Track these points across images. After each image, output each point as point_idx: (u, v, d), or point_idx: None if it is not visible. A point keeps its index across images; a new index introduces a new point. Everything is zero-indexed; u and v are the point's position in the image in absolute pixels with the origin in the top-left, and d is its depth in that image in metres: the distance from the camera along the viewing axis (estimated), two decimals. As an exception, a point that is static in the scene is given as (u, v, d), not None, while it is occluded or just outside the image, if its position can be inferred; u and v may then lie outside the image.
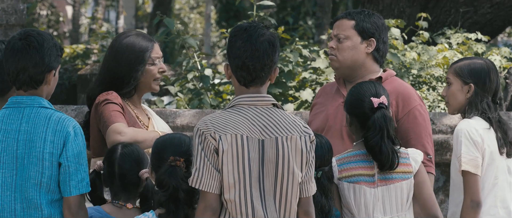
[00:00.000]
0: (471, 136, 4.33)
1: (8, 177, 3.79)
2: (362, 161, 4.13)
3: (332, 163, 4.13)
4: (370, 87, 4.17)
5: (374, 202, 4.12)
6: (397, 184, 4.13)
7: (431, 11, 9.42)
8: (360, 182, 4.11)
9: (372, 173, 4.13)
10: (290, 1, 23.30)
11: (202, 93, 7.23)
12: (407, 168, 4.16)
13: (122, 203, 3.97)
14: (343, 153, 4.19)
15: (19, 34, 3.86)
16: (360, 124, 4.14)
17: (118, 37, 4.57)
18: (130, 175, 3.98)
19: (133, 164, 4.00)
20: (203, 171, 3.64)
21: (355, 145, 4.19)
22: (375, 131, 4.07)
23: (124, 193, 3.99)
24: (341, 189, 4.13)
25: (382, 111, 4.10)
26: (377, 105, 4.10)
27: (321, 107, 4.70)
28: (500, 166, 4.44)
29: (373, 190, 4.11)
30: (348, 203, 4.13)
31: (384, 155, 4.06)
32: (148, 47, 4.50)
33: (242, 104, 3.73)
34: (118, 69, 4.48)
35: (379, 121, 4.08)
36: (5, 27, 7.45)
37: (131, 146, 4.06)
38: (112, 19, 32.71)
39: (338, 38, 4.58)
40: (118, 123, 4.31)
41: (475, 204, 4.31)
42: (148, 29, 21.53)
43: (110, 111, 4.35)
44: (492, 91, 4.47)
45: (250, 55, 3.69)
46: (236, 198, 3.64)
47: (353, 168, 4.13)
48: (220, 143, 3.63)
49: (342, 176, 4.13)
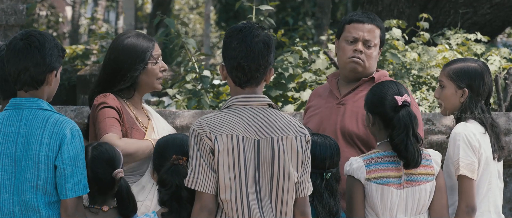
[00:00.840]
0: (470, 140, 4.32)
1: (7, 180, 3.79)
2: (390, 163, 4.15)
3: (359, 163, 4.13)
4: (391, 85, 4.20)
5: (399, 203, 4.14)
6: (422, 186, 4.17)
7: (430, 11, 9.42)
8: (389, 184, 4.12)
9: (399, 174, 4.15)
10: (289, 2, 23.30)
11: (201, 94, 7.22)
12: (430, 170, 4.20)
13: (98, 207, 3.93)
14: (369, 153, 4.19)
15: (21, 34, 3.86)
16: (383, 123, 4.15)
17: (118, 38, 4.57)
18: (104, 178, 3.92)
19: (105, 165, 3.93)
20: (199, 172, 3.64)
21: (379, 145, 4.20)
22: (400, 129, 4.09)
23: (100, 197, 3.94)
24: (369, 190, 4.13)
25: (407, 109, 4.12)
26: (401, 103, 4.11)
27: (315, 110, 4.69)
28: (493, 171, 4.43)
29: (399, 192, 4.14)
30: (374, 204, 4.13)
31: (410, 154, 4.09)
32: (149, 47, 4.50)
33: (237, 104, 3.73)
34: (118, 70, 4.48)
35: (405, 119, 4.10)
36: (4, 28, 7.45)
37: (101, 146, 3.98)
38: (111, 19, 32.71)
39: (368, 45, 4.54)
40: (110, 133, 4.28)
41: (470, 209, 4.30)
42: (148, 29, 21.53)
43: (105, 118, 4.34)
44: (485, 94, 4.45)
45: (245, 56, 3.70)
46: (232, 198, 3.65)
47: (382, 170, 4.14)
48: (216, 143, 3.63)
49: (371, 177, 4.13)
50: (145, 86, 4.55)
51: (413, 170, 4.17)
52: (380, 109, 4.16)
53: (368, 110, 4.21)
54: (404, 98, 4.13)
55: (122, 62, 4.46)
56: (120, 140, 4.28)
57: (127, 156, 4.21)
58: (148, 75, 4.51)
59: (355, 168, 4.13)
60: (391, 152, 4.16)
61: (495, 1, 9.48)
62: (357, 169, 4.12)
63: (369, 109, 4.20)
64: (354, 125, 4.50)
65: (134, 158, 4.31)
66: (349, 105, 4.54)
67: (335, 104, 4.58)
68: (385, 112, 4.14)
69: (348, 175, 4.16)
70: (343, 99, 4.58)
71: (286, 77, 7.23)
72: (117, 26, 24.80)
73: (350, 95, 4.58)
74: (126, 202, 3.92)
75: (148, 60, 4.48)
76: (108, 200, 3.95)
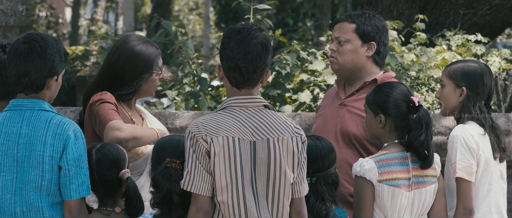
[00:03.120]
0: (467, 142, 4.32)
1: (8, 180, 3.79)
2: (401, 165, 4.15)
3: (371, 165, 4.11)
4: (401, 86, 4.21)
5: (406, 205, 4.14)
6: (428, 187, 4.18)
7: (430, 12, 9.42)
8: (400, 186, 4.12)
9: (409, 176, 4.15)
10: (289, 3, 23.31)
11: (200, 95, 7.23)
12: (434, 171, 4.22)
13: (110, 209, 3.92)
14: (379, 154, 4.17)
15: (24, 37, 3.86)
16: (396, 125, 4.15)
17: (125, 42, 4.54)
18: (111, 179, 3.91)
19: (111, 167, 3.92)
20: (195, 174, 3.64)
21: (387, 146, 4.18)
22: (422, 129, 4.09)
23: (110, 198, 3.94)
24: (380, 192, 4.11)
25: (424, 109, 4.13)
26: (418, 103, 4.12)
27: (321, 110, 4.73)
28: (494, 172, 4.43)
29: (408, 193, 4.14)
30: (384, 205, 4.13)
31: (430, 153, 4.11)
32: (156, 57, 4.52)
33: (233, 106, 3.73)
34: (121, 73, 4.47)
35: (425, 118, 4.11)
36: (4, 29, 7.45)
37: (104, 148, 3.97)
38: (111, 20, 32.73)
39: (338, 41, 4.58)
40: (115, 120, 4.30)
41: (468, 211, 4.30)
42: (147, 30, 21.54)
43: (106, 110, 4.35)
44: (485, 95, 4.45)
45: (243, 57, 3.70)
46: (229, 200, 3.65)
47: (393, 171, 4.13)
48: (212, 145, 3.63)
49: (383, 178, 4.11)
50: (144, 92, 4.57)
51: (422, 172, 4.17)
52: (395, 110, 4.15)
53: (380, 111, 4.18)
54: (419, 98, 4.15)
55: (129, 69, 4.46)
56: (126, 124, 4.31)
57: (135, 139, 4.25)
58: (149, 84, 4.53)
59: (366, 169, 4.11)
60: (401, 154, 4.15)
61: (495, 2, 9.48)
62: (369, 170, 4.10)
63: (381, 110, 4.19)
64: (354, 126, 4.50)
65: (141, 142, 4.33)
66: (350, 107, 4.55)
67: (337, 105, 4.59)
68: (401, 112, 4.14)
69: (359, 176, 4.13)
70: (345, 101, 4.58)
71: (284, 75, 7.23)
72: (117, 27, 24.83)
73: (353, 97, 4.58)
74: (134, 202, 3.92)
75: (154, 69, 4.50)
76: (117, 201, 3.95)
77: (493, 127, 4.44)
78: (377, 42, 4.57)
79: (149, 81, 4.52)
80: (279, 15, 22.78)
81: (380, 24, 4.61)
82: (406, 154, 4.16)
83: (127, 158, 4.01)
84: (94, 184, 3.90)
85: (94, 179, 3.89)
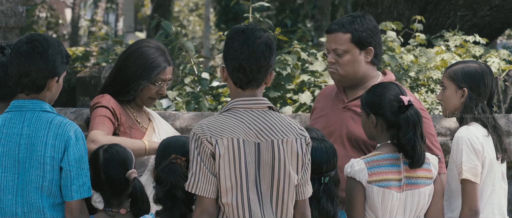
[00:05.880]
0: (472, 144, 4.32)
1: (9, 181, 3.80)
2: (392, 166, 4.15)
3: (361, 166, 4.12)
4: (392, 86, 4.21)
5: (398, 206, 4.14)
6: (421, 189, 4.18)
7: (430, 13, 9.42)
8: (390, 187, 4.12)
9: (400, 177, 4.15)
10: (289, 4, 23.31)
11: (200, 96, 7.23)
12: (429, 173, 4.21)
13: (115, 210, 3.93)
14: (370, 155, 4.17)
15: (26, 38, 3.88)
16: (387, 124, 4.15)
17: (140, 42, 4.56)
18: (118, 180, 3.92)
19: (119, 167, 3.93)
20: (199, 176, 3.64)
21: (379, 147, 4.19)
22: (409, 128, 4.09)
23: (116, 199, 3.95)
24: (370, 193, 4.12)
25: (414, 108, 4.13)
26: (407, 102, 4.12)
27: (321, 112, 4.68)
28: (497, 173, 4.44)
29: (399, 195, 4.14)
30: (375, 206, 4.13)
31: (417, 153, 4.10)
32: (160, 67, 4.49)
33: (237, 107, 3.73)
34: (125, 73, 4.47)
35: (413, 117, 4.11)
36: (4, 30, 7.45)
37: (111, 148, 3.98)
38: (111, 21, 32.71)
39: (336, 53, 4.53)
40: (95, 130, 4.28)
41: (474, 213, 4.30)
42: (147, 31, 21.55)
43: (96, 117, 4.35)
44: (487, 95, 4.45)
45: (247, 57, 3.69)
46: (233, 201, 3.65)
47: (383, 172, 4.13)
48: (217, 147, 3.63)
49: (373, 179, 4.12)
50: (140, 100, 4.54)
51: (413, 173, 4.17)
52: (384, 110, 4.16)
53: (371, 111, 4.19)
54: (408, 98, 4.15)
55: (130, 65, 4.46)
56: (103, 136, 4.26)
57: None
58: (144, 92, 4.50)
59: (356, 170, 4.12)
60: (392, 155, 4.16)
61: (495, 3, 9.49)
62: (359, 171, 4.12)
63: (372, 110, 4.19)
64: (360, 130, 4.48)
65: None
66: (356, 110, 4.52)
67: (341, 107, 4.57)
68: (391, 112, 4.14)
69: (349, 177, 4.15)
70: (349, 104, 4.57)
71: (284, 76, 7.23)
72: (117, 28, 24.81)
73: (357, 101, 4.55)
74: (140, 202, 3.93)
75: (153, 78, 4.47)
76: (123, 202, 3.96)
77: (495, 127, 4.44)
78: (374, 45, 4.56)
79: (144, 88, 4.49)
80: (278, 16, 22.77)
81: (372, 25, 4.58)
82: (398, 155, 4.17)
83: (134, 159, 4.01)
84: (101, 184, 3.92)
85: (101, 179, 3.90)
